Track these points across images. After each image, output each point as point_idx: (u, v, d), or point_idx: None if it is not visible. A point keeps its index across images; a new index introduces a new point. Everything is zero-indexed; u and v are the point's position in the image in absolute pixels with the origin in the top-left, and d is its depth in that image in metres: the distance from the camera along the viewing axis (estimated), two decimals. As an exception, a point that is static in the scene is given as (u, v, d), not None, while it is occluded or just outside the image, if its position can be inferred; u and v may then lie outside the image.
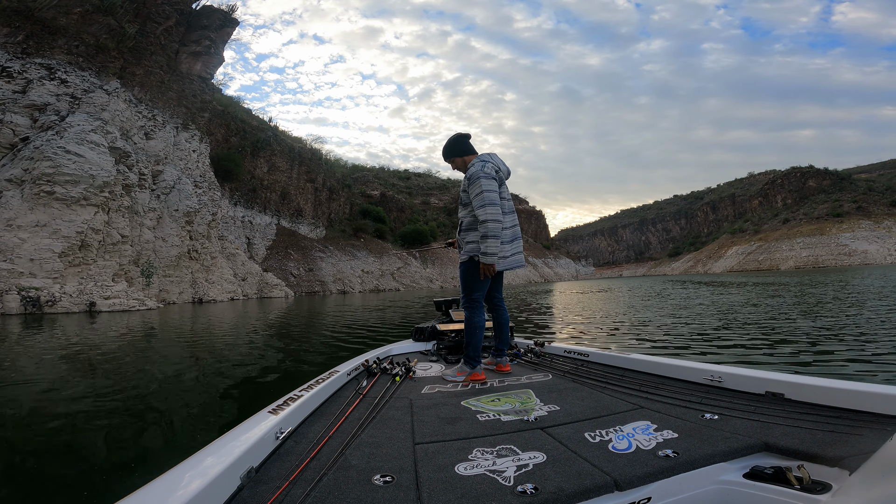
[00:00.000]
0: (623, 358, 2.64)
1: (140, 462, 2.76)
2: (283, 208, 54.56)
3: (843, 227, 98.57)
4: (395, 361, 2.92)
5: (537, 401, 2.04)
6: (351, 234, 65.77)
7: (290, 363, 6.35)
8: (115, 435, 3.32)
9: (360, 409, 1.97)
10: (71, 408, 4.01)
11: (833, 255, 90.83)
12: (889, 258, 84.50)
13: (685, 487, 1.25)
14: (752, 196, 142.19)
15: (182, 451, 1.40)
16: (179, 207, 28.93)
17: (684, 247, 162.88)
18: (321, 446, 1.50)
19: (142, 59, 28.51)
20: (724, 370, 2.01)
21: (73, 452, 2.99)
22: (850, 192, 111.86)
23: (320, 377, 2.33)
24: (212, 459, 1.19)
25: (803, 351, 5.51)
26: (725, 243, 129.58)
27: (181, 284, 28.52)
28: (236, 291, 33.24)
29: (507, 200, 2.94)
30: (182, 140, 32.17)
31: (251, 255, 44.63)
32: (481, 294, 2.91)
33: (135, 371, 5.92)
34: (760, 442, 1.37)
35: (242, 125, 48.63)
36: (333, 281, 50.33)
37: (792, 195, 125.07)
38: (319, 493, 1.16)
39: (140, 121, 28.06)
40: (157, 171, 28.64)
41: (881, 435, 1.28)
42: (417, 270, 68.52)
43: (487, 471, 1.27)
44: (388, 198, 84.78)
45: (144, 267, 25.63)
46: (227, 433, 1.41)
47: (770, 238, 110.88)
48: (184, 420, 3.77)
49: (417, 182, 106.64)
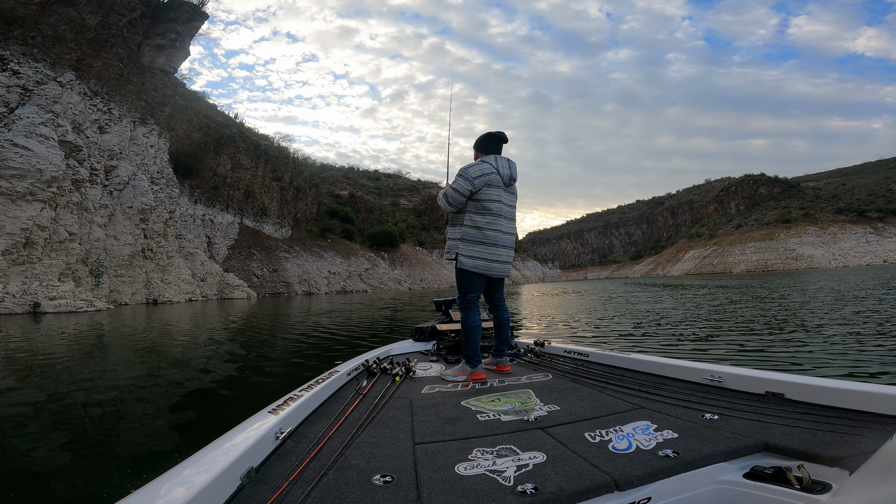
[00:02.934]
0: (623, 358, 2.64)
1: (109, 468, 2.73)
2: (247, 207, 53.26)
3: (790, 232, 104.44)
4: (395, 361, 2.91)
5: (537, 401, 2.04)
6: (318, 235, 64.83)
7: (242, 374, 6.02)
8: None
9: (360, 409, 1.96)
10: (9, 412, 4.00)
11: (781, 260, 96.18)
12: (833, 262, 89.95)
13: (685, 487, 1.25)
14: (709, 202, 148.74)
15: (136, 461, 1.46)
16: (134, 204, 27.92)
17: (645, 250, 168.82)
18: (321, 446, 1.50)
19: (101, 52, 27.42)
20: (724, 370, 2.02)
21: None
22: (798, 200, 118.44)
23: (320, 377, 2.33)
24: (212, 459, 1.19)
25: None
26: (683, 247, 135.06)
27: (134, 285, 27.52)
28: (195, 292, 32.30)
29: (506, 205, 2.91)
30: (139, 135, 31.02)
31: (211, 255, 43.39)
32: (475, 295, 2.91)
33: (68, 378, 5.84)
34: (760, 442, 1.37)
35: (206, 121, 47.22)
36: (299, 282, 49.51)
37: (745, 202, 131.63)
38: (319, 493, 1.16)
39: (94, 114, 26.94)
40: (110, 167, 27.54)
41: (881, 435, 1.28)
42: (386, 272, 68.21)
43: (487, 471, 1.27)
44: (357, 198, 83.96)
45: (93, 266, 24.61)
46: (226, 433, 1.41)
47: (724, 242, 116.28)
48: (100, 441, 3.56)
49: (387, 183, 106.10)
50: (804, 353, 5.31)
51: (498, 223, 2.84)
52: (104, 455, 2.95)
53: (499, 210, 2.83)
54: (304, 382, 2.15)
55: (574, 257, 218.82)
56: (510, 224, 2.95)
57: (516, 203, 3.06)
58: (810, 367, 4.63)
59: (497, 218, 2.83)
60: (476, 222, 2.81)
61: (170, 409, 4.12)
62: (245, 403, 4.14)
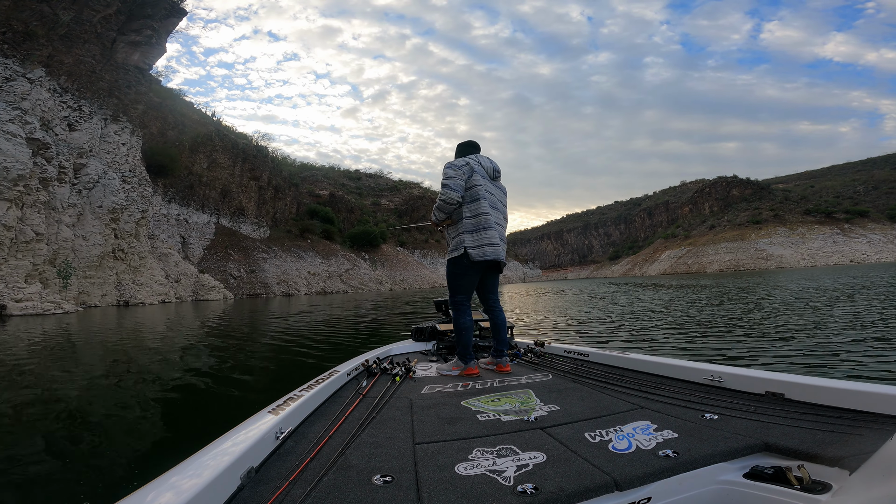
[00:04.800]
0: (623, 358, 2.64)
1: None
2: (224, 206, 52.36)
3: (761, 233, 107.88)
4: (395, 361, 2.91)
5: (537, 401, 2.03)
6: (297, 235, 64.13)
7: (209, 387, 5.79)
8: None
9: (360, 409, 1.96)
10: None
11: (752, 259, 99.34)
12: (802, 262, 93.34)
13: (685, 487, 1.25)
14: (684, 203, 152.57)
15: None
16: (104, 204, 27.23)
17: (623, 250, 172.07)
18: (321, 446, 1.50)
19: (73, 48, 26.73)
20: (724, 370, 2.02)
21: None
22: (769, 201, 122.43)
23: (320, 377, 2.32)
24: (212, 459, 1.19)
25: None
26: (659, 248, 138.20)
27: (104, 286, 26.84)
28: (168, 294, 31.65)
29: (492, 194, 3.00)
30: (111, 132, 30.26)
31: (186, 256, 42.56)
32: (465, 297, 2.96)
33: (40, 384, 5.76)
34: (760, 442, 1.37)
35: (182, 118, 46.23)
36: (277, 283, 48.92)
37: (718, 203, 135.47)
38: (319, 493, 1.16)
39: (64, 111, 26.22)
40: (79, 165, 26.80)
41: (881, 435, 1.28)
42: (367, 272, 67.90)
43: (487, 471, 1.27)
44: (338, 198, 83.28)
45: (61, 267, 23.93)
46: (226, 433, 1.41)
47: (698, 243, 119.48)
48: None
49: (368, 183, 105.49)
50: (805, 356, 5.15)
51: (486, 209, 2.91)
52: (96, 458, 2.93)
53: (486, 196, 2.91)
54: (298, 385, 2.14)
55: (554, 257, 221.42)
56: (499, 215, 3.01)
57: (505, 199, 3.14)
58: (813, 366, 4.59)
59: (488, 204, 2.91)
60: (473, 211, 2.91)
61: (157, 412, 4.11)
62: (204, 428, 4.10)
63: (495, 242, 2.90)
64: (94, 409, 4.17)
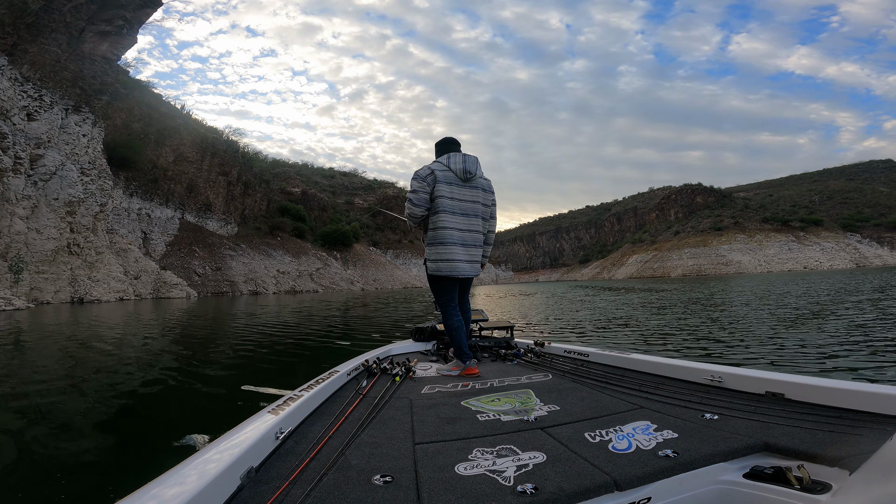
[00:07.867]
0: (623, 358, 2.64)
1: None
2: (189, 202, 51.13)
3: (722, 239, 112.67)
4: (395, 361, 2.91)
5: (537, 401, 2.03)
6: (267, 233, 63.13)
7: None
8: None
9: (360, 409, 1.96)
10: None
11: (713, 265, 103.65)
12: (759, 268, 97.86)
13: (685, 487, 1.26)
14: (651, 209, 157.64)
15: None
16: (60, 196, 26.32)
17: (593, 254, 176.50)
18: (321, 446, 1.50)
19: (38, 36, 25.93)
20: (724, 370, 2.03)
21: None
22: (730, 209, 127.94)
23: (320, 377, 2.32)
24: (212, 459, 1.19)
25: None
26: (627, 252, 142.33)
27: (58, 282, 25.94)
28: (126, 291, 30.78)
29: (462, 200, 2.88)
30: (71, 123, 29.25)
31: (147, 252, 41.40)
32: (447, 298, 2.97)
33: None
34: (760, 442, 1.37)
35: (149, 111, 44.98)
36: (244, 281, 48.05)
37: (683, 210, 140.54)
38: (319, 493, 1.16)
39: (24, 100, 25.31)
40: (36, 156, 25.83)
41: (881, 435, 1.28)
42: (338, 272, 67.39)
43: (487, 471, 1.27)
44: (310, 196, 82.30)
45: (13, 262, 23.05)
46: (226, 433, 1.41)
47: (663, 248, 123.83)
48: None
49: (342, 181, 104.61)
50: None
51: (453, 220, 2.83)
52: (92, 460, 2.80)
53: (452, 207, 2.83)
54: (298, 386, 2.13)
55: (526, 260, 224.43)
56: (470, 221, 2.92)
57: (483, 198, 3.00)
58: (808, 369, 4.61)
59: (451, 215, 2.83)
60: (433, 223, 2.86)
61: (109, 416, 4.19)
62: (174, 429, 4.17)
63: (452, 258, 2.85)
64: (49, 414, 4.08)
